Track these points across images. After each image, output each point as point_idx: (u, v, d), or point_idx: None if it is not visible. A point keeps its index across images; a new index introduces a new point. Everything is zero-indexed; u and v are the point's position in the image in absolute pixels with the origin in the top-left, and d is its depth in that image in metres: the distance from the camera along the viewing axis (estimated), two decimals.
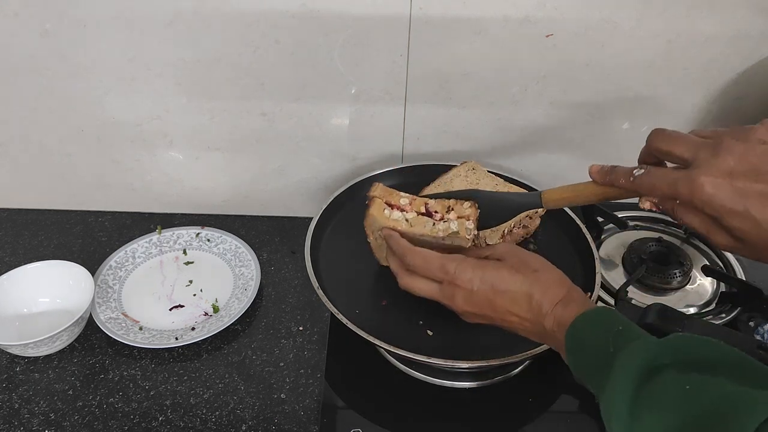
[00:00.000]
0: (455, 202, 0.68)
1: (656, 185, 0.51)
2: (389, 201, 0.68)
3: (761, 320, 0.77)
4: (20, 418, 0.69)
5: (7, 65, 0.80)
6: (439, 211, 0.67)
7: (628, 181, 0.53)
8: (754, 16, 0.79)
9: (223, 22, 0.76)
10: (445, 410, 0.70)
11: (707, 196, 0.47)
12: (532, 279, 0.58)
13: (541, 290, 0.57)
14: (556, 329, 0.54)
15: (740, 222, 0.47)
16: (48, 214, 0.96)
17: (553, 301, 0.56)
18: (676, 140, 0.51)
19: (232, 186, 0.95)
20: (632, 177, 0.53)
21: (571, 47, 0.81)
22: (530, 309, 0.57)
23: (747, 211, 0.46)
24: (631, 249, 0.85)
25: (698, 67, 0.84)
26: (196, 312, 0.81)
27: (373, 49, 0.80)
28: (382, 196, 0.68)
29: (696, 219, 0.50)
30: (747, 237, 0.47)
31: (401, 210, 0.68)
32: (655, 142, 0.53)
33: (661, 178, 0.50)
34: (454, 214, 0.67)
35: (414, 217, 0.67)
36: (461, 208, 0.67)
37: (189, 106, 0.85)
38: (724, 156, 0.47)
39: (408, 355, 0.63)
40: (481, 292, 0.58)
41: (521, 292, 0.57)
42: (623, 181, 0.54)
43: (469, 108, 0.87)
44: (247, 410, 0.70)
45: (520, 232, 0.80)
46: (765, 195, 0.46)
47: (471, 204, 0.67)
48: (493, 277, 0.58)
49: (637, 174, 0.53)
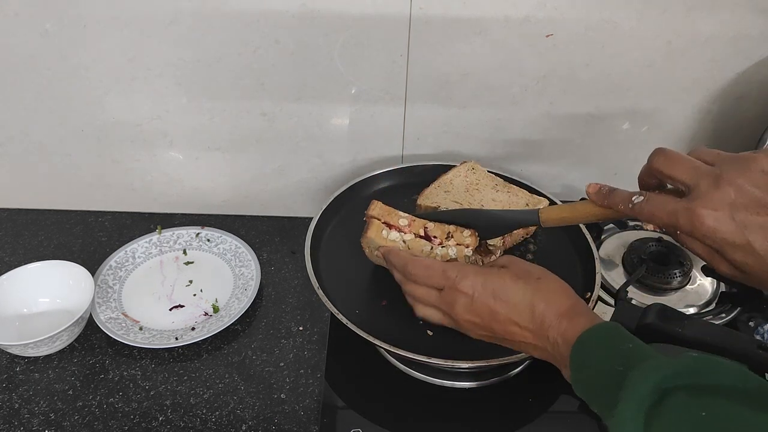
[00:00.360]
0: (455, 229, 0.68)
1: (655, 214, 0.50)
2: (388, 221, 0.68)
3: (761, 320, 0.77)
4: (20, 418, 0.69)
5: (7, 65, 0.80)
6: (438, 237, 0.68)
7: (627, 208, 0.53)
8: (754, 16, 0.79)
9: (223, 22, 0.76)
10: (445, 410, 0.70)
11: (707, 229, 0.46)
12: (535, 287, 0.56)
13: (544, 299, 0.55)
14: (560, 342, 0.52)
15: (742, 255, 0.46)
16: (48, 214, 0.96)
17: (558, 311, 0.54)
18: (678, 165, 0.50)
19: (232, 186, 0.95)
20: (631, 204, 0.52)
21: (571, 47, 0.81)
22: (533, 319, 0.54)
23: (749, 245, 0.46)
24: (631, 249, 0.85)
25: (698, 67, 0.84)
26: (196, 312, 0.81)
27: (373, 49, 0.80)
28: (380, 216, 0.68)
29: (699, 247, 0.50)
30: (750, 269, 0.47)
31: (399, 231, 0.68)
32: (656, 164, 0.52)
33: (661, 208, 0.50)
34: (453, 241, 0.67)
35: (412, 239, 0.68)
36: (461, 235, 0.68)
37: (189, 106, 0.85)
38: (725, 187, 0.46)
39: (408, 355, 0.63)
40: (482, 299, 0.56)
41: (524, 300, 0.55)
42: (622, 207, 0.54)
43: (469, 108, 0.87)
44: (247, 410, 0.70)
45: (520, 232, 0.80)
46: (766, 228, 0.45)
47: (471, 233, 0.68)
48: (495, 284, 0.56)
49: (636, 201, 0.52)
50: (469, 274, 0.57)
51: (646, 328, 0.61)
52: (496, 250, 0.76)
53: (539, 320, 0.54)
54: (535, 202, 0.81)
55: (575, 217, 0.62)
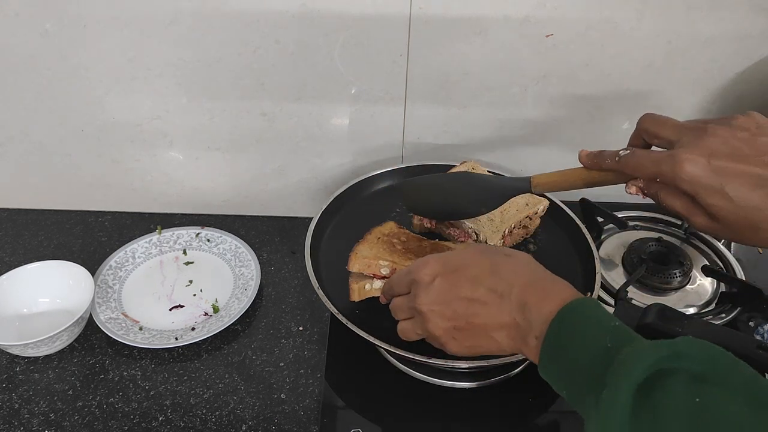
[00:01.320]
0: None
1: (641, 164, 0.53)
2: (369, 272, 0.69)
3: (761, 320, 0.77)
4: (20, 418, 0.69)
5: (7, 65, 0.80)
6: None
7: (614, 162, 0.55)
8: (754, 16, 0.79)
9: (223, 22, 0.76)
10: (445, 410, 0.70)
11: (686, 173, 0.49)
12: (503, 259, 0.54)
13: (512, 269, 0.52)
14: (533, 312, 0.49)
15: (716, 199, 0.49)
16: (48, 214, 0.96)
17: (530, 279, 0.51)
18: (664, 123, 0.55)
19: (232, 186, 0.95)
20: (618, 157, 0.55)
21: (571, 47, 0.81)
22: (498, 285, 0.51)
23: (722, 189, 0.48)
24: (631, 249, 0.85)
25: (698, 67, 0.84)
26: (196, 312, 0.81)
27: (373, 49, 0.80)
28: (361, 270, 0.69)
29: (678, 201, 0.52)
30: (723, 216, 0.50)
31: (383, 278, 0.69)
32: (644, 124, 0.56)
33: (646, 157, 0.53)
34: None
35: None
36: None
37: (189, 106, 0.85)
38: (707, 138, 0.50)
39: (408, 355, 0.63)
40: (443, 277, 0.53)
41: (489, 269, 0.52)
42: (609, 162, 0.56)
43: (469, 108, 0.87)
44: (247, 410, 0.70)
45: (520, 232, 0.80)
46: (742, 175, 0.48)
47: None
48: (456, 259, 0.54)
49: (622, 155, 0.55)
50: (429, 260, 0.55)
51: (646, 328, 0.61)
52: None
53: (506, 287, 0.51)
54: (536, 201, 0.81)
55: (566, 182, 0.63)
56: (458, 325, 0.53)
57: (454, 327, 0.54)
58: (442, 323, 0.54)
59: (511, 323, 0.51)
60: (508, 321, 0.51)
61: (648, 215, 0.94)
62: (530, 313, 0.49)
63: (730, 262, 0.85)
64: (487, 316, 0.52)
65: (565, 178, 0.63)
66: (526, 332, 0.50)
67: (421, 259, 0.57)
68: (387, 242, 0.73)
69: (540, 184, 0.65)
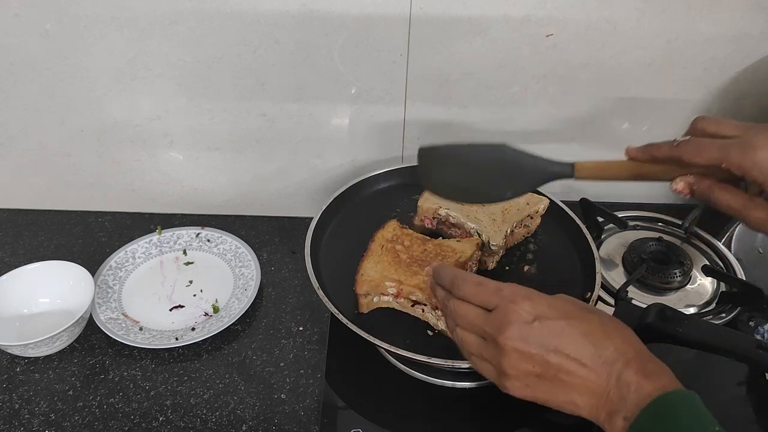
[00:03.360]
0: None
1: (703, 149, 0.50)
2: (377, 292, 0.70)
3: (761, 320, 0.77)
4: (20, 418, 0.69)
5: (7, 65, 0.80)
6: (428, 305, 0.69)
7: (670, 149, 0.52)
8: (754, 16, 0.79)
9: (223, 22, 0.76)
10: (445, 410, 0.70)
11: (760, 158, 0.47)
12: (607, 320, 0.50)
13: (620, 337, 0.48)
14: (632, 389, 0.45)
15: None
16: (48, 214, 0.96)
17: (631, 358, 0.47)
18: (723, 121, 0.52)
19: (232, 186, 0.95)
20: (676, 143, 0.52)
21: (571, 47, 0.81)
22: (602, 353, 0.47)
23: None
24: (631, 249, 0.85)
25: (698, 67, 0.84)
26: (196, 312, 0.81)
27: (373, 49, 0.80)
28: (369, 291, 0.70)
29: (733, 197, 0.50)
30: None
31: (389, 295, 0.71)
32: (700, 123, 0.53)
33: (710, 143, 0.51)
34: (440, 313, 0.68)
35: (404, 301, 0.71)
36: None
37: (189, 106, 0.85)
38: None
39: (408, 355, 0.63)
40: (546, 324, 0.48)
41: (595, 327, 0.48)
42: (664, 150, 0.52)
43: (469, 108, 0.87)
44: (248, 410, 0.70)
45: (521, 231, 0.80)
46: None
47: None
48: (560, 304, 0.49)
49: (680, 140, 0.52)
50: (532, 295, 0.50)
51: (646, 328, 0.61)
52: (499, 250, 0.76)
53: (614, 355, 0.47)
54: (536, 201, 0.81)
55: (613, 172, 0.58)
56: (542, 375, 0.48)
57: (537, 375, 0.48)
58: (524, 366, 0.48)
59: (603, 393, 0.47)
60: (600, 390, 0.47)
61: (648, 215, 0.94)
62: (628, 390, 0.45)
63: (730, 262, 0.85)
64: (581, 378, 0.47)
65: (612, 169, 0.58)
66: (616, 409, 0.46)
67: (519, 289, 0.51)
68: (391, 251, 0.73)
69: (583, 170, 0.59)
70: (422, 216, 0.81)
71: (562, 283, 0.75)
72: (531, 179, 0.61)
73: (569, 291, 0.73)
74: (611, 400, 0.46)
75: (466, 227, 0.77)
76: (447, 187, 0.64)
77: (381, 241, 0.75)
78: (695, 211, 0.91)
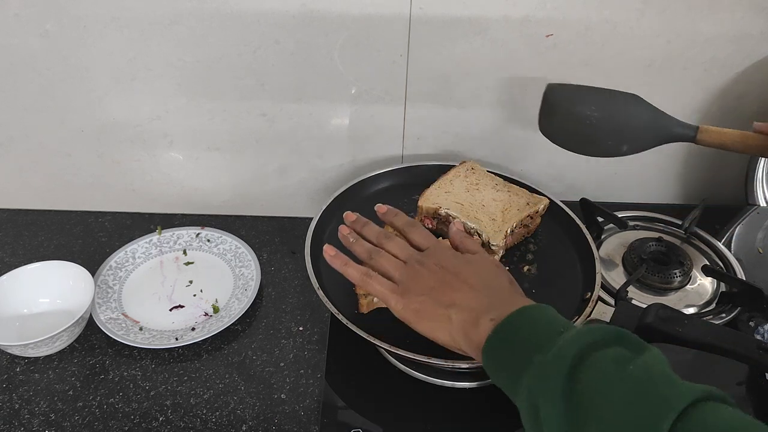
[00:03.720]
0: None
1: None
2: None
3: (761, 320, 0.77)
4: (20, 418, 0.69)
5: (7, 65, 0.80)
6: None
7: None
8: (754, 16, 0.79)
9: (223, 22, 0.76)
10: (445, 410, 0.70)
11: None
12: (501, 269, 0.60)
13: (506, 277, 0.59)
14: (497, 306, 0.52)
15: None
16: (48, 214, 0.96)
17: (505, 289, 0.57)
18: None
19: (232, 186, 0.95)
20: None
21: (571, 47, 0.81)
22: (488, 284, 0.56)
23: None
24: (631, 249, 0.85)
25: (698, 67, 0.84)
26: (196, 312, 0.81)
27: (373, 49, 0.80)
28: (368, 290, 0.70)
29: None
30: None
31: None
32: None
33: None
34: None
35: None
36: None
37: (189, 107, 0.85)
38: None
39: (408, 355, 0.63)
40: (460, 257, 0.60)
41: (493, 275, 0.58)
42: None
43: (469, 108, 0.87)
44: (248, 410, 0.70)
45: (521, 231, 0.80)
46: None
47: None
48: (477, 258, 0.61)
49: None
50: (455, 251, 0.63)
51: (646, 328, 0.61)
52: (499, 250, 0.76)
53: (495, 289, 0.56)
54: (536, 201, 0.81)
55: (739, 143, 0.57)
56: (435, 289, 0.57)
57: (431, 289, 0.57)
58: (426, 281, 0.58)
59: (476, 302, 0.54)
60: (477, 306, 0.54)
61: (648, 215, 0.94)
62: (499, 301, 0.53)
63: (730, 262, 0.85)
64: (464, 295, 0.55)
65: (739, 139, 0.57)
66: (481, 313, 0.52)
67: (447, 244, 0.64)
68: None
69: (707, 135, 0.58)
70: (422, 216, 0.81)
71: (562, 283, 0.75)
72: (652, 136, 0.59)
73: (569, 291, 0.74)
74: (478, 310, 0.53)
75: (466, 227, 0.77)
76: (562, 132, 0.65)
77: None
78: (695, 211, 0.91)
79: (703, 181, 0.98)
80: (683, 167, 0.96)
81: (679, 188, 0.99)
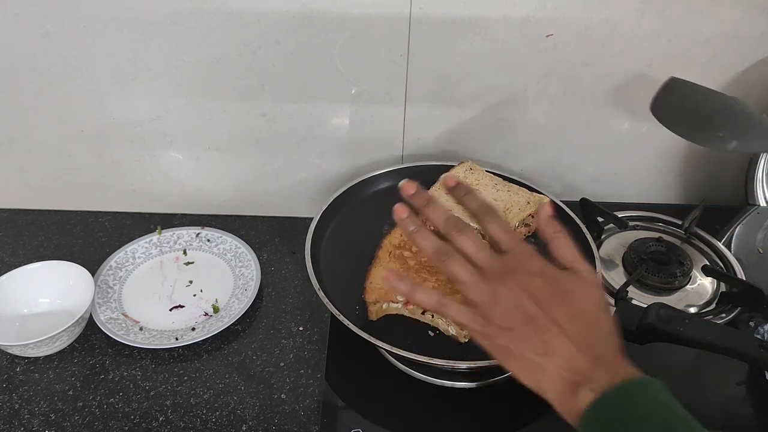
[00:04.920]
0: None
1: None
2: (386, 300, 0.71)
3: (761, 320, 0.77)
4: (20, 418, 0.69)
5: (7, 65, 0.80)
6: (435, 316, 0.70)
7: None
8: (754, 16, 0.79)
9: (223, 22, 0.76)
10: (445, 410, 0.70)
11: None
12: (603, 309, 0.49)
13: (610, 323, 0.48)
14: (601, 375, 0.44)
15: None
16: (48, 214, 0.96)
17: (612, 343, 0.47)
18: None
19: (232, 186, 0.95)
20: None
21: (571, 47, 0.81)
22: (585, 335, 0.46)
23: None
24: (631, 249, 0.85)
25: (698, 67, 0.84)
26: (196, 312, 0.81)
27: (373, 49, 0.80)
28: (378, 299, 0.70)
29: None
30: None
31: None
32: None
33: None
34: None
35: (413, 308, 0.70)
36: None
37: (189, 107, 0.85)
38: None
39: (408, 355, 0.63)
40: (560, 281, 0.48)
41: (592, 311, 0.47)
42: None
43: (469, 108, 0.87)
44: (248, 410, 0.70)
45: (522, 231, 0.80)
46: None
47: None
48: (570, 278, 0.49)
49: None
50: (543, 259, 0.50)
51: (646, 328, 0.61)
52: None
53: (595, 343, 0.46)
54: (537, 200, 0.81)
55: None
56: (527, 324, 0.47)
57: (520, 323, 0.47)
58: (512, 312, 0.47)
59: (575, 361, 0.45)
60: (574, 359, 0.45)
61: (648, 215, 0.94)
62: (600, 366, 0.45)
63: (730, 262, 0.85)
64: (561, 337, 0.46)
65: None
66: (583, 380, 0.44)
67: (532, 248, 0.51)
68: (399, 258, 0.73)
69: None
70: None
71: None
72: (762, 139, 0.59)
73: None
74: (582, 372, 0.44)
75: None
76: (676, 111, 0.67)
77: (389, 248, 0.75)
78: (695, 211, 0.91)
79: (703, 181, 0.98)
80: (683, 167, 0.96)
81: (679, 188, 0.99)
